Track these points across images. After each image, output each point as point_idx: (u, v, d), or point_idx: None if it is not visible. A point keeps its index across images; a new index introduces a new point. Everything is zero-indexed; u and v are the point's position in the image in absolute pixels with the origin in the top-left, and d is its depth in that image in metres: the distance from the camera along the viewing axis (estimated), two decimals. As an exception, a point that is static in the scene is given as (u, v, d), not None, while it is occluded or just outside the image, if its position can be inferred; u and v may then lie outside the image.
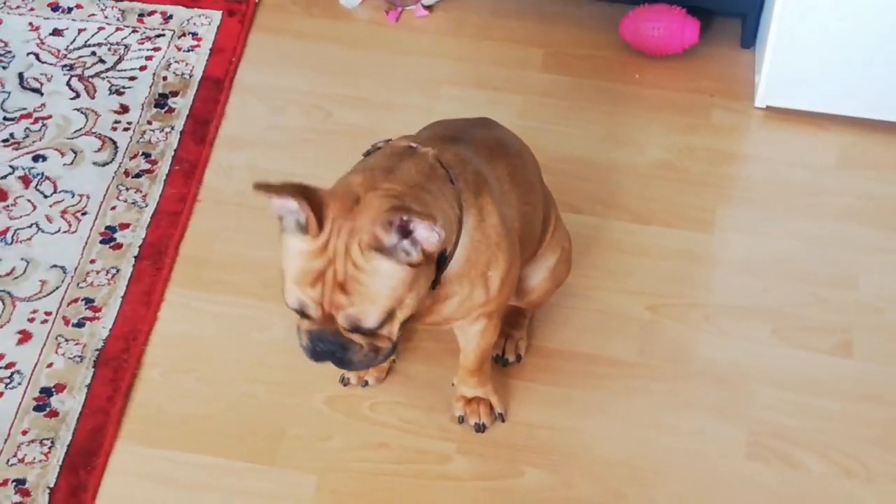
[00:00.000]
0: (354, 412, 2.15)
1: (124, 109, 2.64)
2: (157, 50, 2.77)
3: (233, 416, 2.14)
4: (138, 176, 2.51)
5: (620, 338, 2.26)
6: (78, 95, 2.66)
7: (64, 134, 2.59)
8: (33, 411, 2.13)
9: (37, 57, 2.75)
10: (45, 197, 2.47)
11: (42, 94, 2.67)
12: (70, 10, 2.86)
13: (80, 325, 2.25)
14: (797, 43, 2.51)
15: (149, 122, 2.61)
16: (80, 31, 2.81)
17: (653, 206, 2.49)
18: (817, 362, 2.23)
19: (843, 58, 2.51)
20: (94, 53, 2.76)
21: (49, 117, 2.62)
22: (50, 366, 2.19)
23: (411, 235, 1.61)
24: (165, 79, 2.71)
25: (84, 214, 2.44)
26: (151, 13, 2.85)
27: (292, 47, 2.81)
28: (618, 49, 2.80)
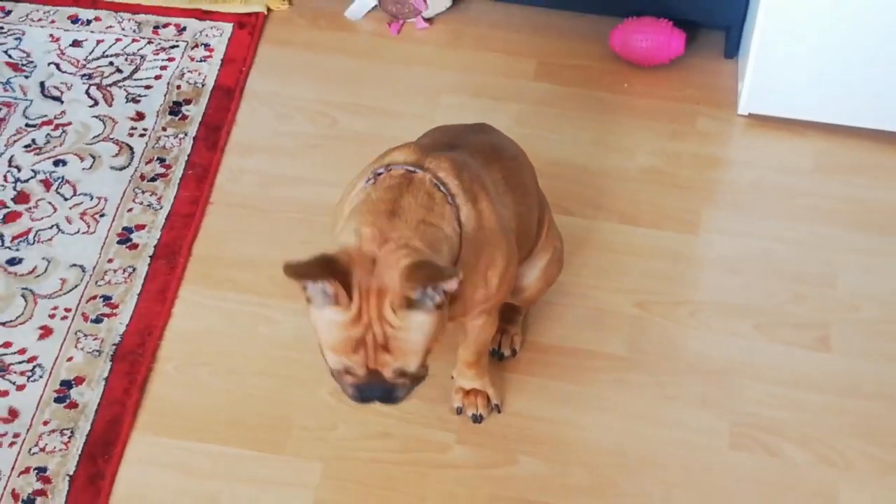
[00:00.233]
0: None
1: (140, 117, 2.64)
2: (171, 60, 2.77)
3: (243, 408, 2.15)
4: (153, 180, 2.51)
5: (611, 333, 2.26)
6: (96, 103, 2.67)
7: (83, 140, 2.59)
8: (54, 403, 2.13)
9: (57, 67, 2.75)
10: (66, 199, 2.47)
11: (62, 101, 2.67)
12: (89, 22, 2.86)
13: (98, 321, 2.26)
14: (778, 54, 2.52)
15: (163, 129, 2.62)
16: (98, 42, 2.81)
17: (641, 208, 2.49)
18: (798, 356, 2.24)
19: (821, 69, 2.52)
20: (111, 63, 2.76)
21: (69, 124, 2.62)
22: (70, 360, 2.20)
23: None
24: (179, 88, 2.71)
25: (102, 216, 2.44)
26: (166, 25, 2.86)
27: (299, 58, 2.81)
28: (608, 60, 2.80)
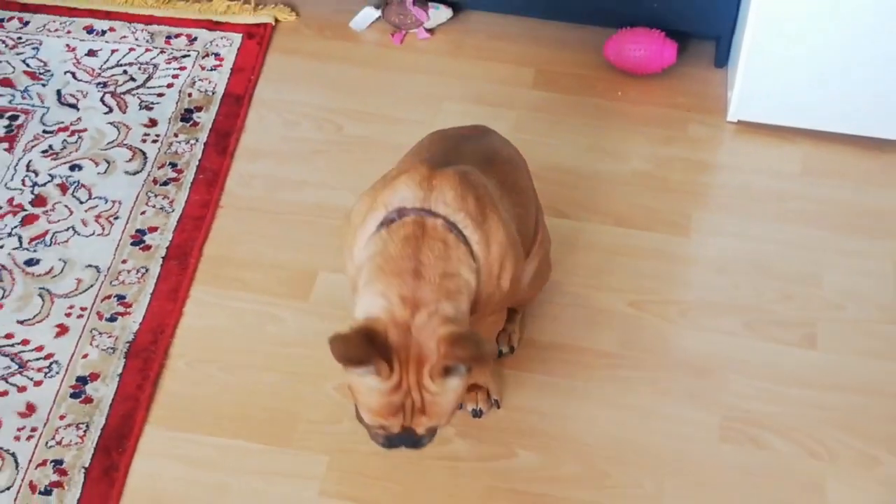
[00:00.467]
0: (362, 399, 2.14)
1: (153, 123, 2.63)
2: (182, 69, 2.76)
3: (251, 402, 2.14)
4: (166, 184, 2.50)
5: (605, 331, 2.26)
6: (111, 110, 2.66)
7: (98, 145, 2.58)
8: (70, 398, 2.13)
9: (73, 75, 2.74)
10: (81, 203, 2.46)
11: (78, 109, 2.66)
12: (104, 32, 2.85)
13: (112, 319, 2.25)
14: (766, 63, 2.51)
15: (175, 135, 2.61)
16: (112, 51, 2.80)
17: (635, 211, 2.48)
18: (785, 353, 2.23)
19: (808, 77, 2.51)
20: (125, 72, 2.75)
21: (84, 130, 2.61)
22: (85, 357, 2.19)
23: None
24: (190, 95, 2.70)
25: (116, 219, 2.43)
26: (178, 35, 2.85)
27: (306, 67, 2.81)
28: (602, 69, 2.79)
